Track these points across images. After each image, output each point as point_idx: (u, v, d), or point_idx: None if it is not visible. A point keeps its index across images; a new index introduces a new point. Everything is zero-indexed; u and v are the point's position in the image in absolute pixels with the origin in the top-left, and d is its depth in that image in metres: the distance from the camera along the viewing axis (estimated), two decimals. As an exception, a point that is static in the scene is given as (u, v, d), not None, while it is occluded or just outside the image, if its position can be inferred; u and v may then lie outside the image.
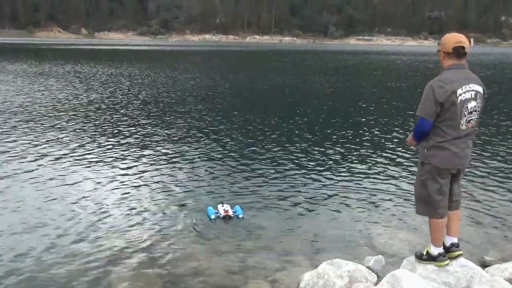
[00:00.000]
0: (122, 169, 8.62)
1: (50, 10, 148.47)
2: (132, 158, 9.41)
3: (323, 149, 10.23)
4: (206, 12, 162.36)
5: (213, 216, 6.27)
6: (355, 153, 10.02)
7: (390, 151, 10.12)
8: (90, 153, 9.65)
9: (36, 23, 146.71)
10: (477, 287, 3.83)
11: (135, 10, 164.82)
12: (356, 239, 5.69)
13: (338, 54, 69.85)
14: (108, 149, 10.07)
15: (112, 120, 13.36)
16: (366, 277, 4.37)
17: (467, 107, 3.93)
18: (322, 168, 8.73)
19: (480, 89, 4.02)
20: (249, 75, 29.90)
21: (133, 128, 12.33)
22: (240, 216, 6.33)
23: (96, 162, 9.03)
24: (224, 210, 6.37)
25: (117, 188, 7.50)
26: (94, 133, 11.68)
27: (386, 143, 10.98)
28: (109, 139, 10.98)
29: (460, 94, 3.90)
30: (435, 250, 4.24)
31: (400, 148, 10.26)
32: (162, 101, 17.54)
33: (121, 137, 11.31)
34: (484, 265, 4.70)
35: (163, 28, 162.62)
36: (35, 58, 42.13)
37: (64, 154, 9.45)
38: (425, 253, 4.33)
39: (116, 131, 12.01)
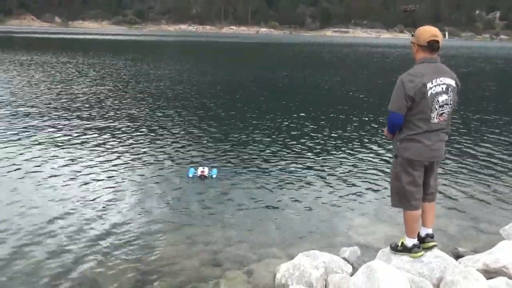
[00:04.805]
0: (113, 145, 9.42)
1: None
2: (123, 139, 10.08)
3: (303, 140, 10.27)
4: (181, 2, 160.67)
5: (190, 175, 7.32)
6: (334, 145, 10.06)
7: (368, 144, 10.18)
8: (79, 136, 10.22)
9: (6, 11, 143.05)
10: (450, 278, 3.88)
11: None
12: (331, 230, 5.72)
13: (327, 46, 70.17)
14: (94, 127, 10.97)
15: (97, 103, 13.71)
16: (342, 268, 4.39)
17: (438, 100, 3.94)
18: (299, 160, 8.74)
19: (452, 82, 4.03)
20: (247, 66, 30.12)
21: (121, 110, 13.20)
22: (214, 176, 7.35)
23: (82, 142, 9.58)
24: (200, 170, 7.40)
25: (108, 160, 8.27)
26: (79, 113, 12.38)
27: (364, 135, 11.03)
28: (94, 118, 11.47)
29: (431, 88, 3.91)
30: (410, 242, 4.27)
31: (377, 141, 10.34)
32: (150, 88, 17.94)
33: (108, 116, 12.31)
34: (458, 256, 4.76)
35: (138, 18, 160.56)
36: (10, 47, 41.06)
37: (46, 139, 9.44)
38: (400, 244, 4.37)
39: (102, 110, 12.95)
